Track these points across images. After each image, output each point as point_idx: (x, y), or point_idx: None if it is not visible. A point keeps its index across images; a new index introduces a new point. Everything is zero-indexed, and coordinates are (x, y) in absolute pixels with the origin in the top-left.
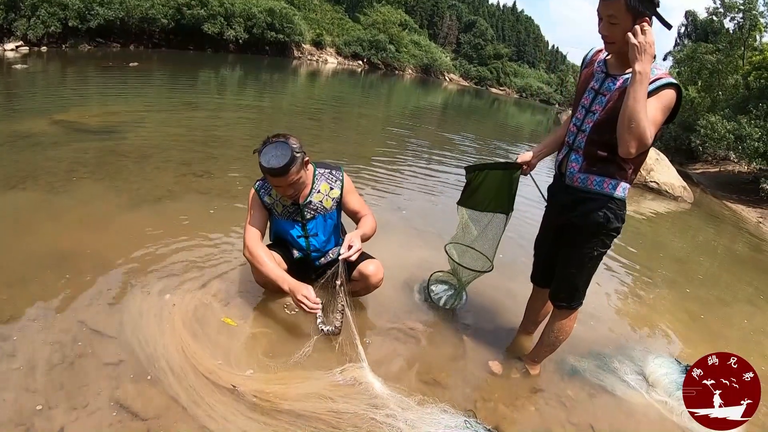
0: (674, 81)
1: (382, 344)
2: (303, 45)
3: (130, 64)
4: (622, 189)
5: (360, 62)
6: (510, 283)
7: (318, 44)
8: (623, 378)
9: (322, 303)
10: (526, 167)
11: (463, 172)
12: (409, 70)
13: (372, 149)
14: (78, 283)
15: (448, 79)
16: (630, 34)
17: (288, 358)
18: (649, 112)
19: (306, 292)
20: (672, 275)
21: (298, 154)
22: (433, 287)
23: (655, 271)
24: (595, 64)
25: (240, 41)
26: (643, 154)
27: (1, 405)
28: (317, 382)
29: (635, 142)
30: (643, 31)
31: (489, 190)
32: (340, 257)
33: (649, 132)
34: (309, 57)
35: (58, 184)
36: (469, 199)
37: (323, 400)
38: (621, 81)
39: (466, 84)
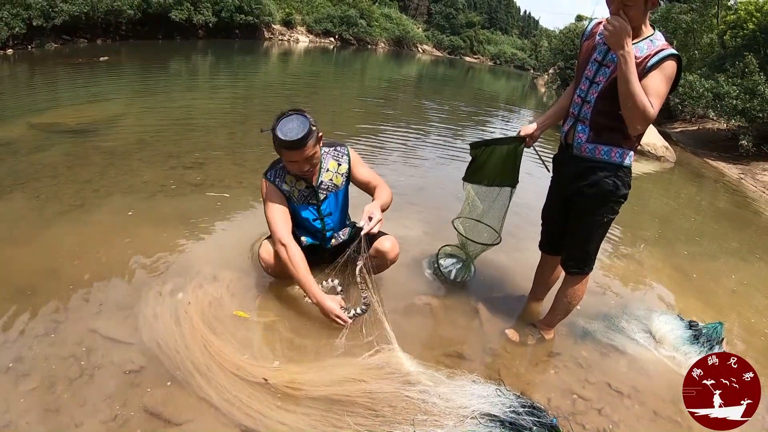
0: (674, 52)
1: (401, 322)
2: (273, 25)
3: (101, 59)
4: (629, 157)
5: (332, 39)
6: (515, 251)
7: (288, 24)
8: (632, 336)
9: (341, 288)
10: (530, 140)
11: (455, 144)
12: (382, 44)
13: (352, 125)
14: (83, 290)
15: (421, 51)
16: (602, 27)
17: (310, 345)
18: (655, 86)
19: (338, 313)
20: (662, 234)
21: (314, 128)
22: (441, 261)
23: (646, 230)
24: (596, 36)
25: (210, 25)
26: None
27: (26, 430)
28: (347, 367)
29: (639, 118)
30: (609, 22)
31: (495, 165)
32: (362, 233)
33: (653, 105)
34: (280, 37)
35: (45, 189)
36: (474, 175)
37: (356, 382)
38: None
39: (440, 54)
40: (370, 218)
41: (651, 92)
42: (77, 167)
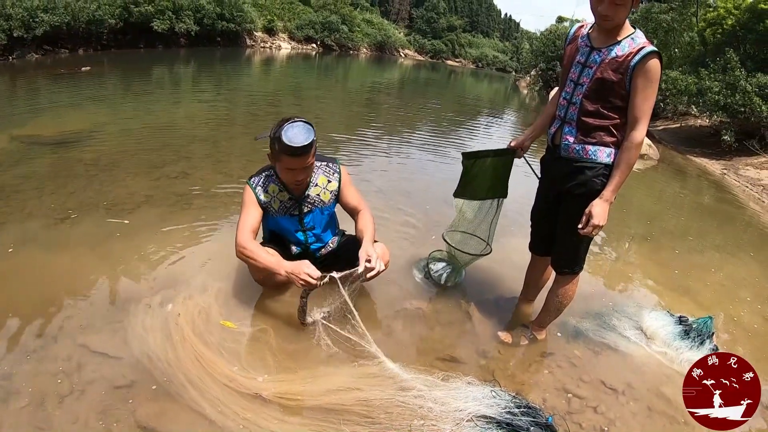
0: (655, 48)
1: (394, 327)
2: (255, 33)
3: (82, 69)
4: (615, 156)
5: (314, 45)
6: (504, 253)
7: (270, 30)
8: (623, 334)
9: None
10: (521, 151)
11: (441, 148)
12: (364, 49)
13: (336, 131)
14: (70, 306)
15: (403, 55)
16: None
17: (300, 354)
18: (644, 100)
19: (306, 269)
20: (648, 232)
21: (315, 137)
22: (432, 266)
23: (633, 228)
24: (579, 39)
25: (192, 33)
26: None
27: None
28: (341, 375)
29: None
30: (592, 225)
31: (485, 178)
32: (359, 269)
33: (641, 125)
34: (262, 44)
35: (30, 203)
36: (465, 189)
37: (350, 391)
38: (606, 52)
39: (422, 58)
40: (368, 260)
41: (641, 111)
42: (60, 179)
